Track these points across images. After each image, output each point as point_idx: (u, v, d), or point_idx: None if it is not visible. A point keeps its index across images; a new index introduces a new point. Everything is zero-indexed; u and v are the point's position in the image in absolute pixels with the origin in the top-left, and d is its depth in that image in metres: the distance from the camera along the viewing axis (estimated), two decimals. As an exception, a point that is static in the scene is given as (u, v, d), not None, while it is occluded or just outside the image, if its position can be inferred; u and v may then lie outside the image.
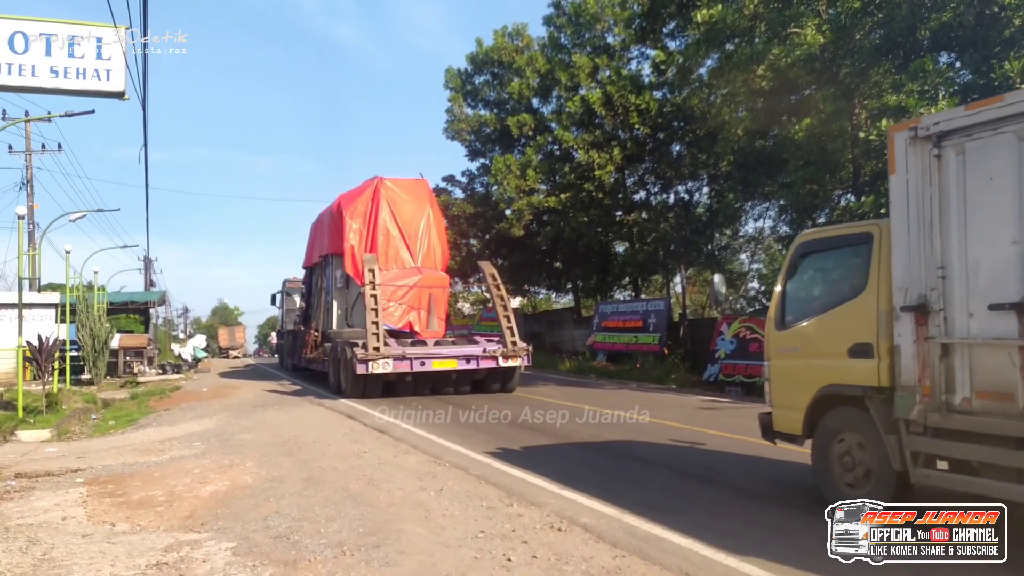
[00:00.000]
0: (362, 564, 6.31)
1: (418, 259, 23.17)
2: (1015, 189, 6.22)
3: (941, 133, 6.80)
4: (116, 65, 12.78)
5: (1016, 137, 6.25)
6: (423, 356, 19.92)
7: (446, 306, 24.39)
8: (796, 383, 8.63)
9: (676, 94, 30.53)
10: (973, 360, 6.57)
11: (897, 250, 7.21)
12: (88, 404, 21.51)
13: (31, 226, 36.06)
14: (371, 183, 23.65)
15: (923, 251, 6.93)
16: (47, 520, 8.20)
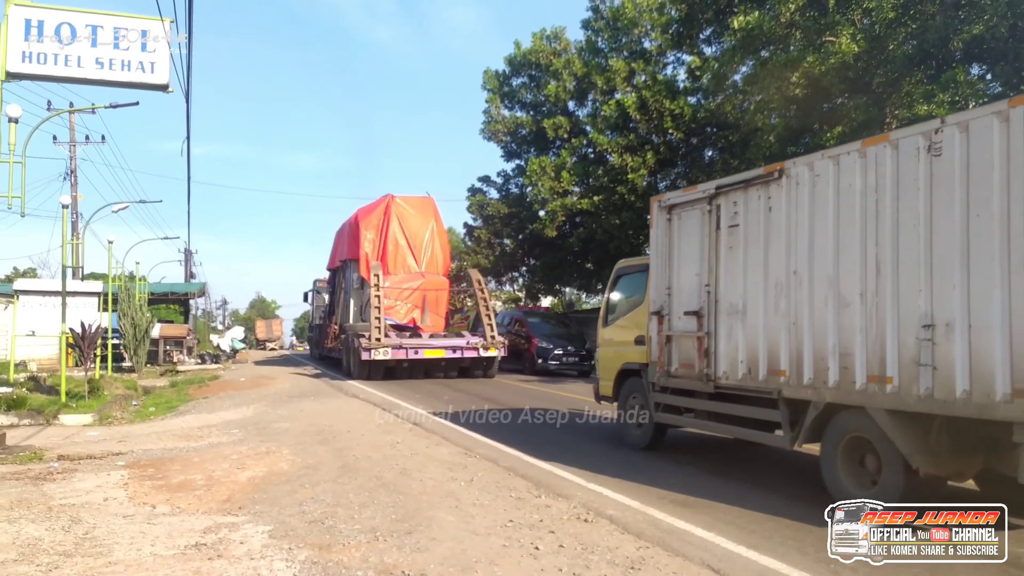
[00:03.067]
0: (394, 549, 6.44)
1: (422, 265, 27.45)
2: (698, 241, 10.31)
3: (671, 205, 10.94)
4: (161, 58, 12.98)
5: (700, 211, 10.31)
6: (417, 346, 24.53)
7: (446, 305, 28.50)
8: (610, 363, 12.97)
9: (710, 100, 30.34)
10: (679, 345, 10.67)
11: (652, 276, 11.40)
12: (129, 391, 21.91)
13: (75, 216, 36.65)
14: (384, 200, 27.95)
15: (662, 278, 11.05)
16: (89, 501, 8.41)
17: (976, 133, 6.86)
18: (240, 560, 6.15)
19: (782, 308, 8.81)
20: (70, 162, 39.66)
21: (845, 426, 8.04)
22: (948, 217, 7.00)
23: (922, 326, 7.13)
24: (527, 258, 42.06)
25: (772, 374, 8.91)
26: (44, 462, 10.99)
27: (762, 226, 9.20)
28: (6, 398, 16.26)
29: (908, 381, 7.24)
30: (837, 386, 8.01)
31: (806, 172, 8.70)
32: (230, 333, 51.92)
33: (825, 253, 8.28)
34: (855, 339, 7.82)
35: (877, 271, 7.65)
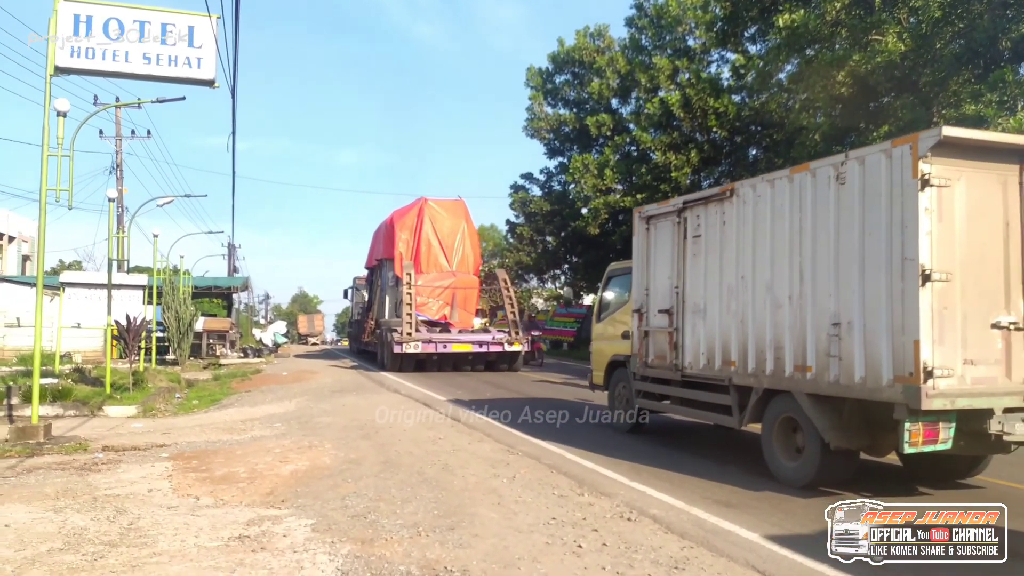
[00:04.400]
0: (437, 545, 6.40)
1: (453, 264, 28.88)
2: (670, 249, 11.67)
3: (648, 216, 12.40)
4: (207, 53, 13.01)
5: (671, 223, 11.68)
6: (445, 340, 26.33)
7: (476, 303, 30.00)
8: (602, 355, 14.45)
9: (755, 98, 30.15)
10: (654, 339, 12.05)
11: (634, 279, 12.75)
12: (172, 383, 22.14)
13: (120, 210, 37.09)
14: (418, 202, 29.64)
15: (641, 280, 12.45)
16: (133, 491, 8.48)
17: (870, 166, 8.22)
18: (283, 553, 6.15)
19: (733, 308, 10.21)
20: (116, 156, 40.14)
21: (779, 408, 9.41)
22: (849, 234, 8.39)
23: (831, 324, 8.51)
24: (569, 256, 42.01)
25: (725, 364, 10.30)
26: (89, 453, 11.11)
27: (718, 237, 10.61)
28: (52, 389, 16.47)
29: (822, 369, 8.60)
30: (772, 374, 9.37)
31: (750, 192, 10.02)
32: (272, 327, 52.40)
33: (764, 262, 9.68)
34: (785, 335, 9.19)
35: (801, 278, 9.03)
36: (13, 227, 47.37)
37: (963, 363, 7.67)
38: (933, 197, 7.65)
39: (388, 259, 30.36)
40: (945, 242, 7.67)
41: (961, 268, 7.71)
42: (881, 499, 7.75)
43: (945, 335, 7.59)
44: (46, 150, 12.31)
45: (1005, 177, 8.05)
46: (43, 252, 13.08)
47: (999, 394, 7.80)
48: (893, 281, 7.81)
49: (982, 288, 7.84)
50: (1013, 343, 7.89)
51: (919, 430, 7.61)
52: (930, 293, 7.55)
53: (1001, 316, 7.87)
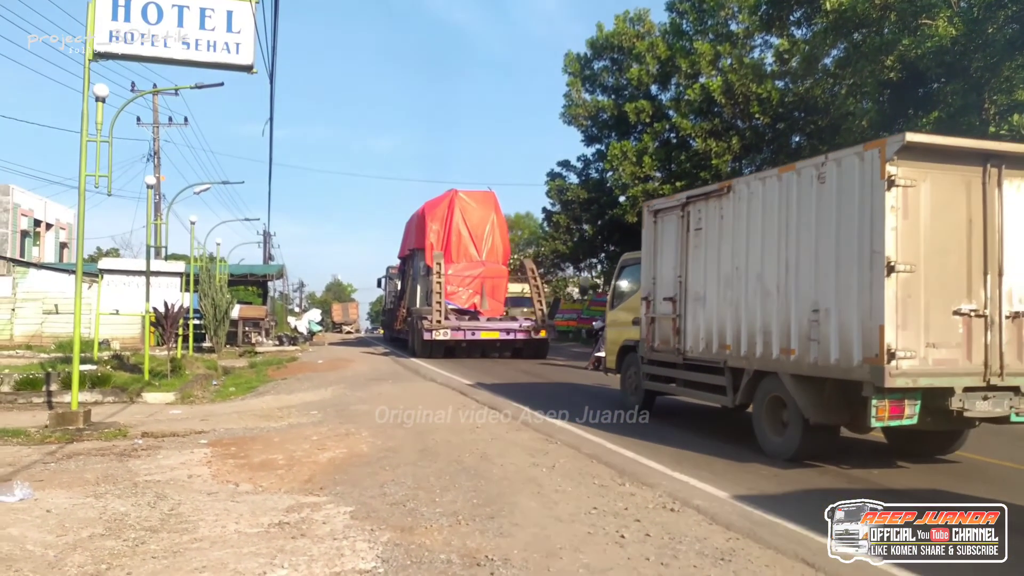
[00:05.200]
0: (477, 534, 6.34)
1: (483, 254, 29.61)
2: (675, 240, 12.35)
3: (656, 209, 13.11)
4: (246, 38, 12.96)
5: (676, 216, 12.36)
6: (473, 328, 27.28)
7: (504, 292, 30.36)
8: (615, 340, 15.31)
9: (799, 84, 29.69)
10: (660, 325, 12.77)
11: (643, 268, 13.50)
12: (209, 371, 22.32)
13: (158, 197, 37.30)
14: (448, 194, 30.51)
15: (649, 269, 13.16)
16: (173, 477, 8.50)
17: (845, 167, 8.98)
18: (323, 540, 6.11)
19: (728, 296, 11.05)
20: (153, 143, 40.36)
21: (767, 388, 10.22)
22: (828, 229, 9.16)
23: (812, 311, 9.31)
24: (606, 244, 41.75)
25: (721, 348, 11.11)
26: (129, 439, 11.17)
27: (716, 230, 11.40)
28: (91, 376, 16.61)
29: (803, 352, 9.43)
30: (761, 357, 10.21)
31: (745, 189, 10.82)
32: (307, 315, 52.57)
33: (755, 254, 10.47)
34: (773, 321, 10.01)
35: (787, 269, 9.84)
36: (51, 215, 48.02)
37: (926, 346, 8.43)
38: (899, 196, 8.39)
39: (420, 249, 31.04)
40: (909, 237, 8.42)
41: (925, 260, 8.45)
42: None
43: (908, 320, 8.37)
44: (85, 136, 12.36)
45: (969, 178, 8.73)
46: (82, 238, 13.16)
47: (959, 374, 8.55)
48: (863, 272, 8.61)
49: (945, 278, 8.58)
50: (973, 329, 8.63)
51: (885, 406, 8.41)
52: (895, 283, 8.32)
53: (963, 304, 8.61)
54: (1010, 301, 8.78)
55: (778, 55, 30.72)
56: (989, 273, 8.72)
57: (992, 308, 8.68)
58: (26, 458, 9.60)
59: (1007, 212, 8.80)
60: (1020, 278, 8.84)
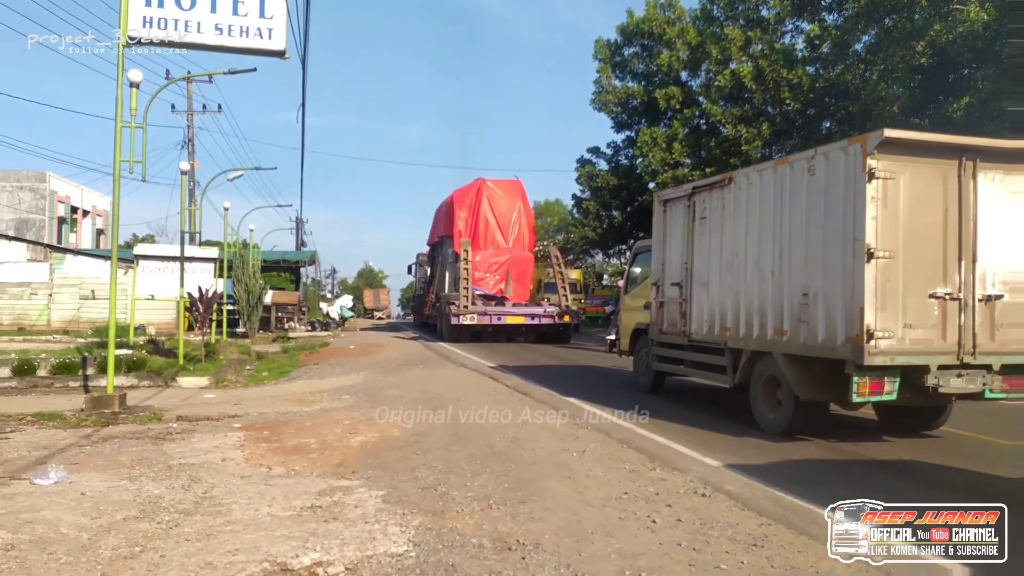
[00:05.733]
0: (508, 518, 6.33)
1: (509, 241, 30.52)
2: (681, 229, 13.12)
3: (665, 199, 13.98)
4: (278, 24, 12.98)
5: (683, 206, 13.14)
6: (499, 313, 28.02)
7: (530, 278, 31.55)
8: (628, 323, 16.04)
9: (830, 70, 29.23)
10: (668, 309, 13.50)
11: (653, 255, 14.27)
12: (243, 355, 22.47)
13: (192, 183, 37.61)
14: (476, 183, 31.38)
15: (659, 256, 13.91)
16: (207, 461, 8.56)
17: (832, 161, 9.62)
18: (355, 523, 6.13)
19: (729, 281, 11.75)
20: (188, 130, 40.73)
21: (763, 367, 10.94)
22: (817, 218, 9.82)
23: (802, 294, 9.98)
24: (635, 231, 41.53)
25: (722, 330, 11.83)
26: (163, 422, 11.28)
27: (719, 219, 12.09)
28: (127, 360, 16.80)
29: (794, 333, 10.12)
30: (758, 338, 10.91)
31: (745, 181, 11.54)
32: (339, 301, 52.96)
33: (753, 241, 11.16)
34: (768, 304, 10.69)
35: (780, 255, 10.51)
36: (88, 201, 48.62)
37: (903, 327, 9.07)
38: (879, 187, 8.99)
39: (448, 236, 31.88)
40: (888, 225, 9.03)
41: (903, 247, 9.07)
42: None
43: (887, 303, 9.00)
44: (119, 122, 12.45)
45: (945, 170, 9.31)
46: (117, 223, 13.29)
47: (935, 353, 9.17)
48: (846, 258, 9.26)
49: (922, 264, 9.20)
50: (948, 311, 9.25)
51: (866, 383, 9.07)
52: (874, 268, 8.95)
53: (938, 288, 9.23)
54: (983, 285, 9.38)
55: (809, 41, 30.16)
56: (963, 259, 9.31)
57: (966, 292, 9.30)
58: (62, 441, 9.71)
59: (981, 202, 9.38)
60: (993, 264, 9.43)
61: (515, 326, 28.51)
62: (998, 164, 9.51)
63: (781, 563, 5.40)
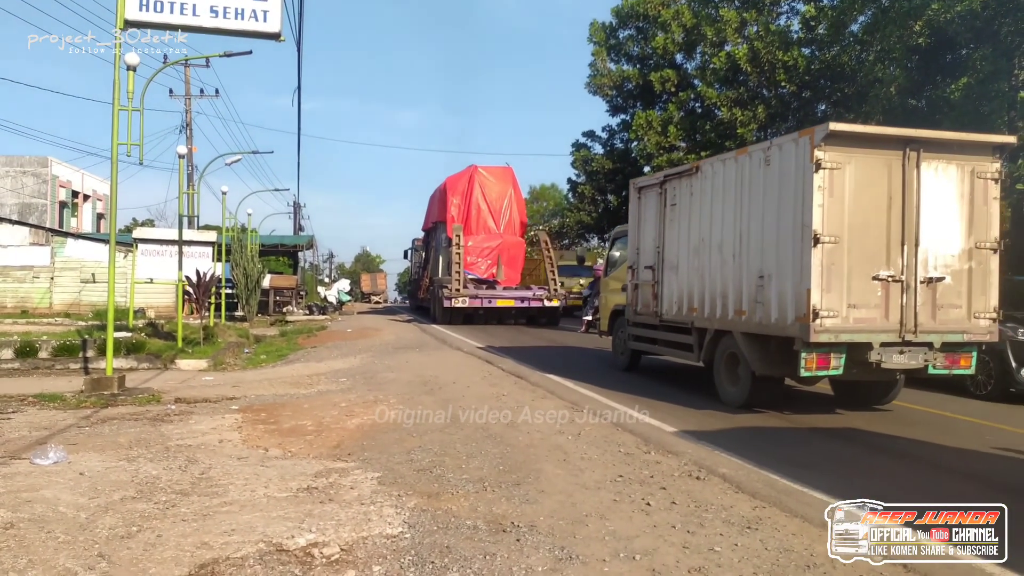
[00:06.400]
0: (503, 500, 6.37)
1: (501, 227, 31.47)
2: (654, 215, 13.84)
3: (640, 186, 14.67)
4: (273, 6, 12.96)
5: (656, 193, 13.83)
6: (490, 296, 28.84)
7: (521, 262, 32.56)
8: (607, 304, 17.04)
9: (826, 51, 29.16)
10: (642, 291, 14.29)
11: (629, 240, 15.05)
12: (241, 339, 22.52)
13: (190, 168, 37.69)
14: (468, 170, 32.23)
15: (634, 241, 14.67)
16: (204, 442, 8.61)
17: (785, 151, 10.33)
18: (351, 505, 6.18)
19: (695, 264, 12.48)
20: (185, 115, 40.70)
21: (725, 345, 11.71)
22: (772, 205, 10.54)
23: (759, 276, 10.71)
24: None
25: (690, 310, 12.62)
26: (162, 404, 11.33)
27: (687, 206, 12.83)
28: (126, 342, 16.84)
29: (752, 312, 10.86)
30: (720, 318, 11.68)
31: (710, 169, 12.29)
32: (337, 285, 52.89)
33: (717, 227, 11.88)
34: (729, 285, 11.44)
35: (740, 239, 11.22)
36: (88, 186, 48.75)
37: (848, 307, 9.76)
38: (825, 177, 9.65)
39: (442, 222, 32.74)
40: (834, 212, 9.69)
41: (848, 232, 9.73)
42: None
43: (832, 284, 9.67)
44: (117, 105, 12.45)
45: (890, 160, 9.93)
46: (115, 205, 13.31)
47: (877, 331, 9.87)
48: (796, 242, 9.95)
49: (866, 249, 9.84)
50: (891, 292, 9.92)
51: (813, 358, 9.78)
52: (820, 252, 9.63)
53: (882, 271, 9.89)
54: (925, 268, 10.06)
55: (804, 22, 30.03)
56: (906, 244, 9.97)
57: (908, 274, 9.97)
58: (61, 422, 9.77)
59: (924, 190, 10.04)
60: (934, 248, 10.10)
61: (505, 309, 29.35)
62: (940, 154, 10.15)
63: (775, 546, 5.44)
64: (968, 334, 10.24)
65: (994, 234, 10.32)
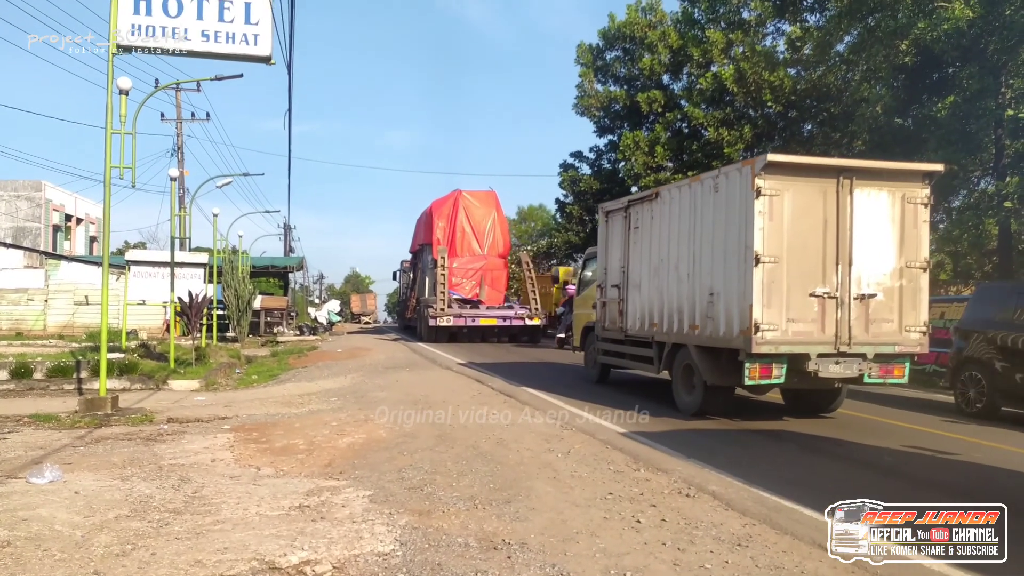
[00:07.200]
0: (494, 518, 6.43)
1: (485, 249, 32.66)
2: (620, 237, 14.72)
3: (607, 210, 15.63)
4: (264, 30, 13.10)
5: (621, 216, 14.73)
6: (473, 315, 30.21)
7: (505, 283, 34.16)
8: (580, 321, 18.19)
9: (811, 71, 29.38)
10: (609, 308, 15.14)
11: (598, 260, 16.01)
12: (233, 359, 22.55)
13: (181, 191, 37.67)
14: (453, 194, 33.51)
15: (602, 261, 15.61)
16: (197, 462, 8.67)
17: (731, 179, 11.19)
18: (342, 523, 6.23)
19: (655, 283, 13.38)
20: (177, 138, 40.84)
21: (681, 358, 12.56)
22: (720, 228, 11.42)
23: (710, 294, 11.57)
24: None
25: (651, 326, 13.49)
26: (154, 424, 11.39)
27: (648, 229, 13.73)
28: (119, 363, 16.86)
29: (703, 327, 11.76)
30: (677, 332, 12.59)
31: (668, 195, 13.18)
32: (327, 306, 53.05)
33: (674, 248, 12.78)
34: (684, 302, 12.34)
35: (694, 260, 12.13)
36: (81, 210, 48.93)
37: (787, 321, 10.57)
38: (765, 203, 10.48)
39: (428, 244, 33.78)
40: (774, 235, 10.52)
41: (787, 253, 10.56)
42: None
43: (772, 301, 10.49)
44: (110, 128, 12.55)
45: (825, 187, 10.77)
46: (108, 228, 13.35)
47: (814, 343, 10.68)
48: (740, 262, 10.77)
49: (803, 268, 10.65)
50: (826, 307, 10.72)
51: (756, 368, 10.65)
52: (761, 271, 10.45)
53: (818, 288, 10.70)
54: (858, 286, 10.82)
55: (790, 43, 30.24)
56: (840, 263, 10.77)
57: (843, 291, 10.74)
58: (56, 442, 9.82)
59: (857, 215, 10.82)
60: (867, 267, 10.86)
61: (489, 327, 30.65)
62: (872, 182, 10.95)
63: (766, 563, 5.45)
64: (900, 346, 11.00)
65: (924, 254, 11.13)
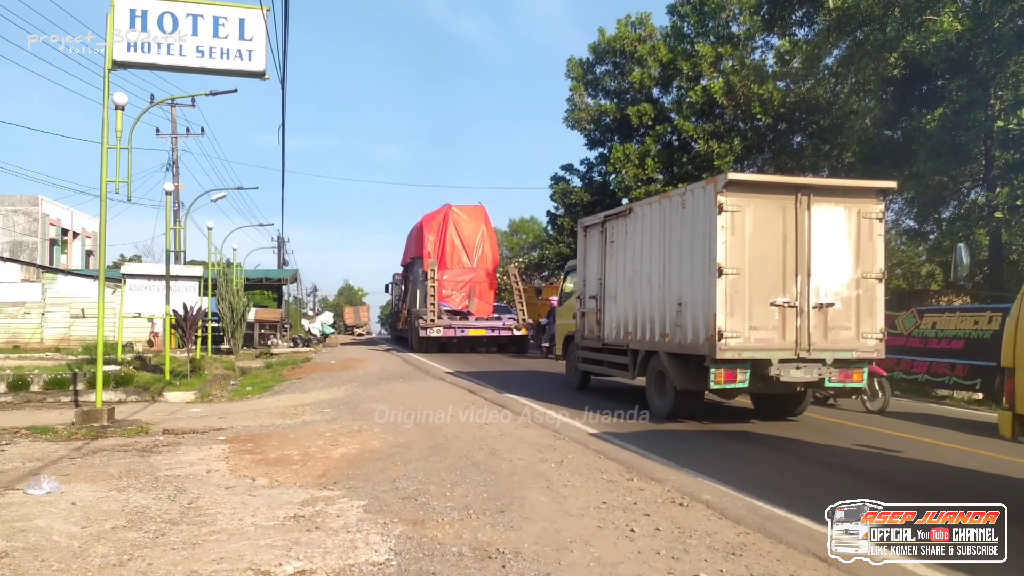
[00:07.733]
0: (488, 527, 6.47)
1: (474, 262, 33.34)
2: (597, 250, 15.48)
3: (585, 225, 16.38)
4: (258, 45, 13.20)
5: (598, 231, 15.48)
6: (463, 326, 31.39)
7: (493, 294, 34.76)
8: (562, 331, 18.86)
9: (800, 84, 29.53)
10: (588, 318, 15.88)
11: (578, 272, 16.78)
12: (227, 371, 22.62)
13: (176, 204, 37.87)
14: (443, 209, 34.29)
15: (581, 273, 16.43)
16: (193, 472, 8.73)
17: (697, 196, 11.90)
18: (337, 533, 6.28)
19: (630, 294, 14.02)
20: (172, 153, 41.02)
21: (654, 365, 13.20)
22: (687, 242, 12.08)
23: (678, 304, 12.22)
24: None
25: (626, 334, 14.14)
26: (150, 435, 11.45)
27: (623, 243, 14.43)
28: (115, 376, 16.93)
29: (673, 335, 12.39)
30: (649, 340, 13.24)
31: (640, 211, 13.88)
32: (320, 318, 52.99)
33: (646, 261, 13.45)
34: (656, 312, 12.99)
35: (664, 271, 12.78)
36: (77, 224, 49.11)
37: (749, 328, 11.23)
38: (727, 218, 11.19)
39: (419, 257, 34.43)
40: (736, 248, 11.23)
41: (749, 265, 11.24)
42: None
43: (735, 309, 11.19)
44: (105, 143, 12.64)
45: (784, 203, 11.46)
46: (104, 241, 13.45)
47: (775, 349, 11.34)
48: (705, 274, 11.46)
49: (764, 279, 11.33)
50: (787, 316, 11.42)
51: (721, 373, 11.32)
52: (724, 282, 11.16)
53: (778, 297, 11.38)
54: (817, 295, 11.52)
55: (779, 56, 30.34)
56: (800, 275, 11.46)
57: (802, 300, 11.43)
58: (53, 453, 9.89)
59: (814, 229, 11.51)
60: (825, 278, 11.55)
61: (478, 337, 31.82)
62: (828, 198, 11.62)
63: (760, 571, 5.47)
64: (857, 352, 11.65)
65: (879, 266, 11.74)
